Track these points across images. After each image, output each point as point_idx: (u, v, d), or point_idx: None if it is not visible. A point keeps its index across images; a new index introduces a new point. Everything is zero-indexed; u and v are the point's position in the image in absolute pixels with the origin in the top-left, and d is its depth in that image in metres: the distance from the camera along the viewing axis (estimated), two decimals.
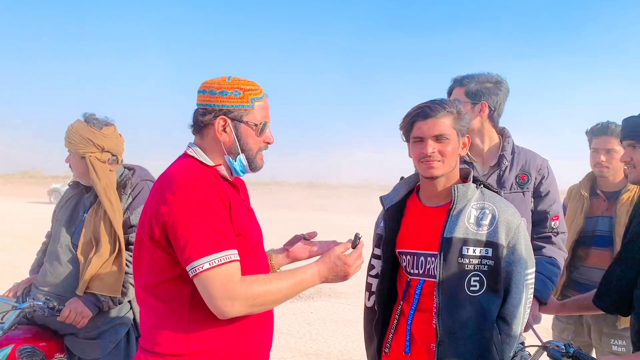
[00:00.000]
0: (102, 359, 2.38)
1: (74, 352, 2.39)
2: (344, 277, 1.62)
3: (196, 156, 1.58)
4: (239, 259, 1.46)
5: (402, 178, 1.95)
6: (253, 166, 1.62)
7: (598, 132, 2.80)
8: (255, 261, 1.62)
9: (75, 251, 2.39)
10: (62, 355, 2.39)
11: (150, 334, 1.53)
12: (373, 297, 1.91)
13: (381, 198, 1.93)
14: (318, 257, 1.68)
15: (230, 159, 1.58)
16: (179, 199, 1.43)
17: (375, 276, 1.91)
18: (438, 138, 1.73)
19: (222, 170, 1.59)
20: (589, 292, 2.15)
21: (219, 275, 1.40)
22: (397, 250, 1.86)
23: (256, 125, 1.58)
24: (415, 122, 1.76)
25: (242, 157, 1.59)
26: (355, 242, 1.66)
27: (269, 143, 1.65)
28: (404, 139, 1.83)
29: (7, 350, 2.21)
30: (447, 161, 1.75)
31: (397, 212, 1.88)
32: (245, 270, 1.50)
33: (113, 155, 2.49)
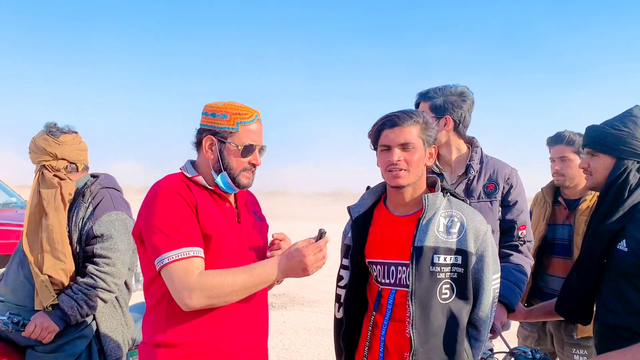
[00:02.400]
0: None
1: None
2: (304, 269, 1.64)
3: (183, 169, 1.78)
4: (201, 256, 1.62)
5: (368, 188, 1.96)
6: (237, 183, 1.76)
7: (553, 142, 2.86)
8: (228, 261, 1.68)
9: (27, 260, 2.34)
10: None
11: (143, 324, 1.76)
12: (342, 308, 1.90)
13: (348, 208, 1.93)
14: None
15: (215, 175, 1.75)
16: (149, 206, 1.65)
17: (344, 287, 1.90)
18: (404, 147, 1.75)
19: (201, 180, 1.74)
20: (554, 299, 2.20)
21: (177, 269, 1.57)
22: (367, 260, 1.85)
23: (238, 146, 1.72)
24: (382, 130, 1.79)
25: (224, 174, 1.74)
26: (318, 237, 1.68)
27: (254, 165, 1.77)
28: (372, 148, 1.84)
29: None
30: (413, 170, 1.76)
31: (364, 222, 1.88)
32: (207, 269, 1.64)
33: (71, 163, 2.45)
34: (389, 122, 1.77)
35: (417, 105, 2.37)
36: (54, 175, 2.39)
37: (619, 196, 1.86)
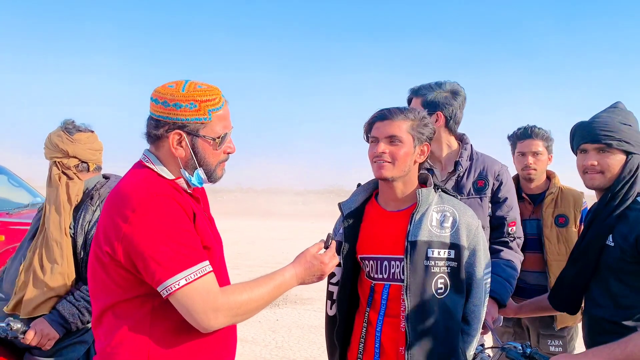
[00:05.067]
0: None
1: None
2: (320, 276, 1.62)
3: (153, 167, 1.50)
4: (212, 269, 1.42)
5: (359, 185, 1.97)
6: (212, 178, 1.56)
7: (523, 136, 2.84)
8: (219, 273, 1.55)
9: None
10: None
11: (110, 353, 1.45)
12: (335, 305, 1.91)
13: (339, 204, 1.93)
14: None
15: (187, 174, 1.51)
16: (141, 216, 1.36)
17: (336, 284, 1.91)
18: (391, 140, 1.77)
19: (182, 183, 1.52)
20: (545, 294, 2.23)
21: (197, 289, 1.36)
22: (359, 256, 1.86)
23: (214, 139, 1.49)
24: (374, 123, 1.82)
25: (199, 171, 1.52)
26: (327, 242, 1.66)
27: (229, 153, 1.58)
28: (365, 139, 1.87)
29: None
30: (398, 164, 1.77)
31: (356, 218, 1.89)
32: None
33: (82, 161, 2.36)
34: (380, 115, 1.81)
35: (409, 101, 2.38)
36: (63, 173, 2.33)
37: (628, 193, 1.83)
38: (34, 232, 2.39)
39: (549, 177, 2.92)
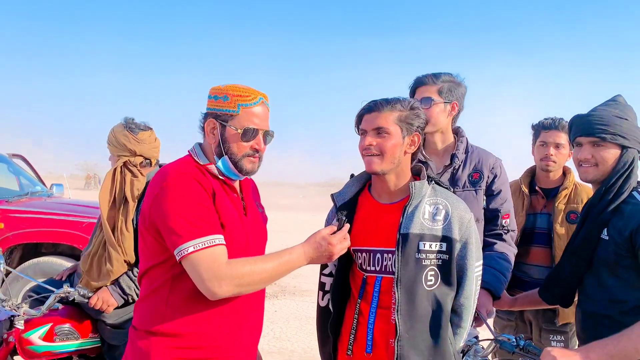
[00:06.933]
0: (122, 347, 2.51)
1: (103, 336, 2.65)
2: (329, 257, 1.70)
3: (192, 154, 1.74)
4: (224, 243, 1.58)
5: (352, 175, 1.96)
6: (239, 169, 1.71)
7: (549, 126, 2.76)
8: (237, 257, 1.65)
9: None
10: (96, 336, 2.68)
11: (137, 310, 1.73)
12: (327, 297, 1.91)
13: (332, 196, 1.92)
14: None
15: (217, 159, 1.71)
16: (165, 191, 1.58)
17: (329, 275, 1.91)
18: (379, 132, 1.76)
19: (212, 168, 1.70)
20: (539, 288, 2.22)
21: (204, 257, 1.52)
22: (352, 248, 1.85)
23: (237, 129, 1.67)
24: (363, 115, 1.81)
25: (225, 158, 1.69)
26: (340, 225, 1.74)
27: (257, 150, 1.72)
28: (357, 133, 1.85)
29: (46, 327, 2.55)
30: (387, 157, 1.76)
31: (348, 210, 1.88)
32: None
33: (146, 158, 2.65)
34: (368, 107, 1.80)
35: (415, 89, 2.33)
36: (128, 171, 2.59)
37: (623, 187, 1.83)
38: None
39: (565, 172, 2.85)
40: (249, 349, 1.78)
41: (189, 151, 1.76)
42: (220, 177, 1.71)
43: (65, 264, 4.74)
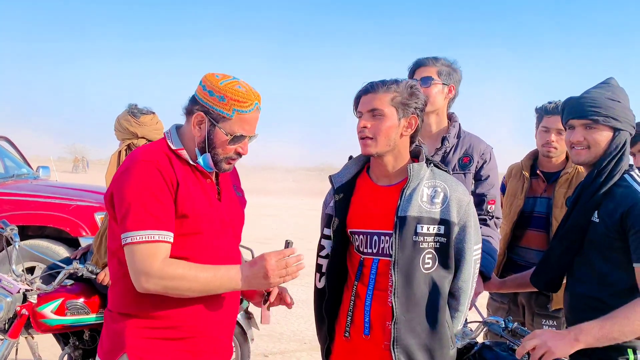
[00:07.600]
0: None
1: None
2: (265, 276, 1.61)
3: (167, 137, 1.70)
4: (168, 241, 1.57)
5: (350, 157, 1.95)
6: (218, 167, 1.70)
7: (552, 111, 2.68)
8: (203, 244, 1.65)
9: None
10: None
11: (110, 293, 1.73)
12: (324, 278, 1.91)
13: (330, 177, 1.91)
14: None
15: (199, 153, 1.68)
16: (126, 175, 1.57)
17: (326, 257, 1.91)
18: (373, 114, 1.75)
19: (184, 154, 1.67)
20: (529, 270, 2.23)
21: (141, 250, 1.54)
22: (349, 230, 1.85)
23: (228, 134, 1.64)
24: (360, 97, 1.80)
25: (207, 155, 1.67)
26: (286, 247, 1.67)
27: (240, 154, 1.71)
28: (355, 115, 1.84)
29: (58, 302, 2.67)
30: (381, 139, 1.75)
31: (346, 192, 1.87)
32: (188, 250, 1.62)
33: (148, 141, 2.74)
34: (364, 89, 1.79)
35: (414, 70, 2.35)
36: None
37: (615, 169, 1.82)
38: None
39: (568, 157, 2.79)
40: (227, 326, 1.78)
41: (164, 133, 1.74)
42: (192, 162, 1.68)
43: (52, 247, 4.70)
